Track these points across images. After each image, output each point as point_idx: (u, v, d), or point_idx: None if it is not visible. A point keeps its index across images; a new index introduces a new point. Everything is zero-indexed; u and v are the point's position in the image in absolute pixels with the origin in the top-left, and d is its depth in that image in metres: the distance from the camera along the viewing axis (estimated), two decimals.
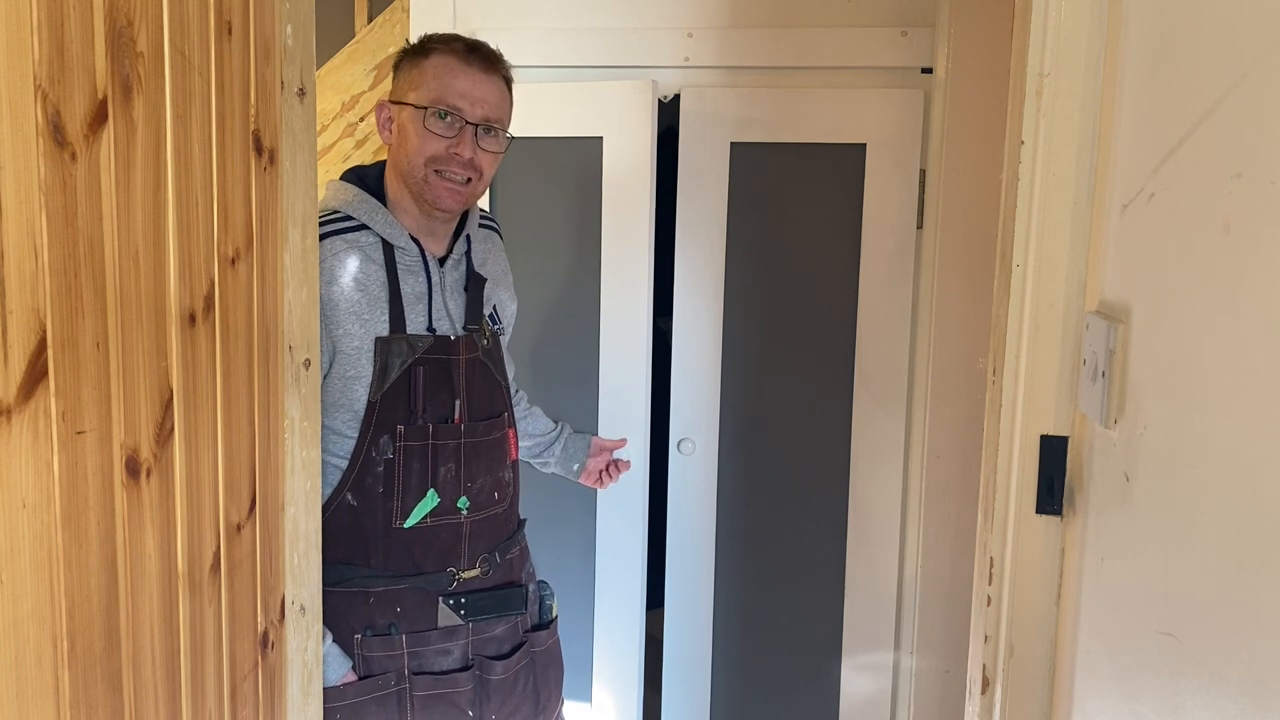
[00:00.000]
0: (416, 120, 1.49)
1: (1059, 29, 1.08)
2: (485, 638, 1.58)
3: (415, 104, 1.49)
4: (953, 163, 2.20)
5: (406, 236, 1.52)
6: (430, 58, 1.51)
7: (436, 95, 1.49)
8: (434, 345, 1.51)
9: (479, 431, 1.56)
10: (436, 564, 1.53)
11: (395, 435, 1.47)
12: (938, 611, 2.34)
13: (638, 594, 2.40)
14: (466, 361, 1.55)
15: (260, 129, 1.02)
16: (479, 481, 1.56)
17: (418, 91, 1.50)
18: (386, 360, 1.47)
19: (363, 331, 1.46)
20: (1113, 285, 1.00)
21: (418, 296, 1.53)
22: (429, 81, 1.49)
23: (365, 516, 1.48)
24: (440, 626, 1.53)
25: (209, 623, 0.94)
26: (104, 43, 0.72)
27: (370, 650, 1.49)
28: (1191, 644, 0.77)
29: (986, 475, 1.21)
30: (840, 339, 2.36)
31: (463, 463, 1.54)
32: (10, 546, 0.64)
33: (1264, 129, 0.68)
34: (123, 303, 0.76)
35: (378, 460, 1.47)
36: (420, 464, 1.49)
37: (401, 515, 1.49)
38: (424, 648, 1.52)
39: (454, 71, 1.50)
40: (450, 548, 1.54)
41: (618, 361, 2.34)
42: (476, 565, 1.57)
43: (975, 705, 1.22)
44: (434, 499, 1.51)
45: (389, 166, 1.56)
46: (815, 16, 2.27)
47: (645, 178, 2.26)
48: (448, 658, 1.54)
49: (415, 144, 1.49)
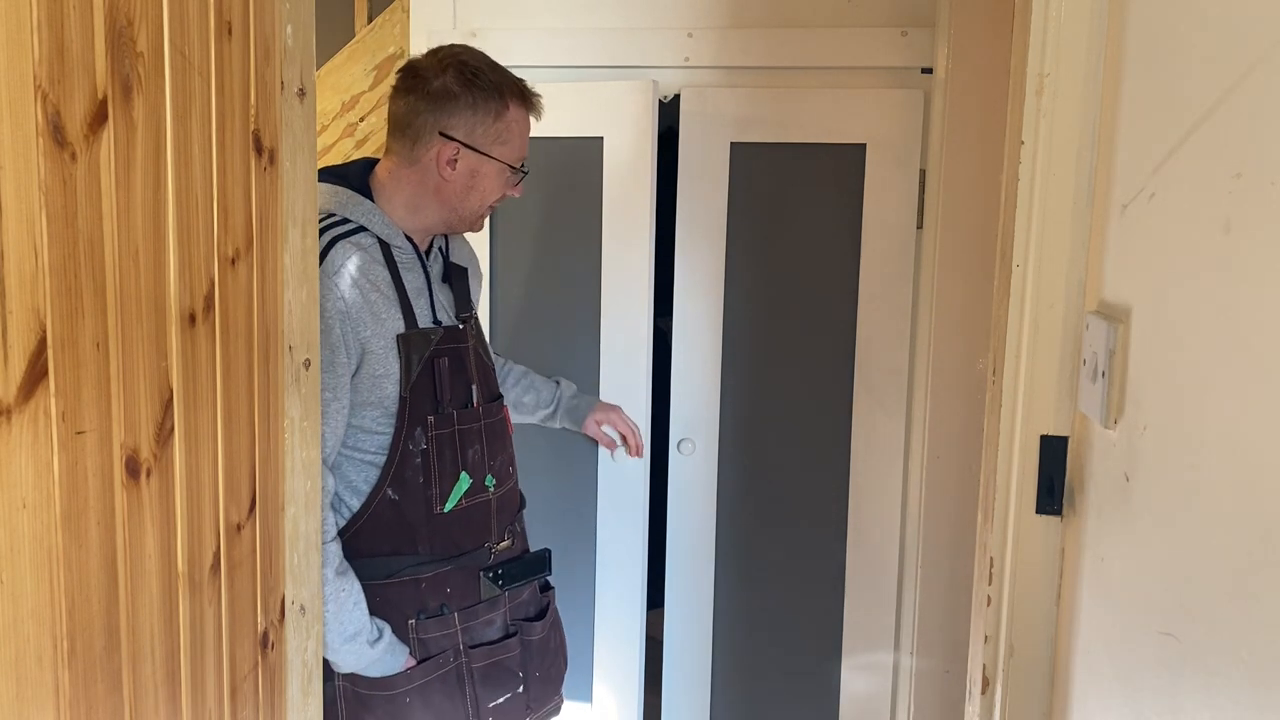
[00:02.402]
0: (502, 176, 1.59)
1: (1059, 29, 1.08)
2: (519, 603, 1.69)
3: (504, 161, 1.57)
4: (953, 163, 2.20)
5: (402, 235, 1.56)
6: (510, 111, 1.56)
7: (520, 154, 1.60)
8: (446, 336, 1.57)
9: (492, 412, 1.65)
10: (475, 541, 1.62)
11: (427, 426, 1.54)
12: (938, 611, 2.34)
13: (638, 594, 2.40)
14: (472, 349, 1.63)
15: (260, 129, 1.02)
16: (499, 459, 1.66)
17: (505, 149, 1.57)
18: (409, 355, 1.52)
19: (384, 330, 1.51)
20: (1113, 285, 1.00)
21: (418, 291, 1.57)
22: (514, 140, 1.58)
23: (407, 508, 1.54)
24: (484, 599, 1.62)
25: (209, 623, 0.94)
26: (104, 43, 0.72)
27: (426, 633, 1.56)
28: (1191, 644, 0.77)
29: (986, 475, 1.21)
30: (840, 339, 2.36)
31: (484, 443, 1.62)
32: (10, 546, 0.64)
33: (1264, 129, 0.68)
34: (123, 303, 0.76)
35: (414, 452, 1.53)
36: (451, 450, 1.56)
37: (441, 501, 1.56)
38: (473, 622, 1.61)
39: (527, 129, 1.61)
40: (484, 524, 1.63)
41: (618, 361, 2.34)
42: (506, 537, 1.67)
43: (975, 705, 1.22)
44: (466, 481, 1.59)
45: (434, 193, 1.56)
46: (815, 16, 2.27)
47: (645, 178, 2.26)
48: (492, 627, 1.64)
49: (491, 193, 1.59)
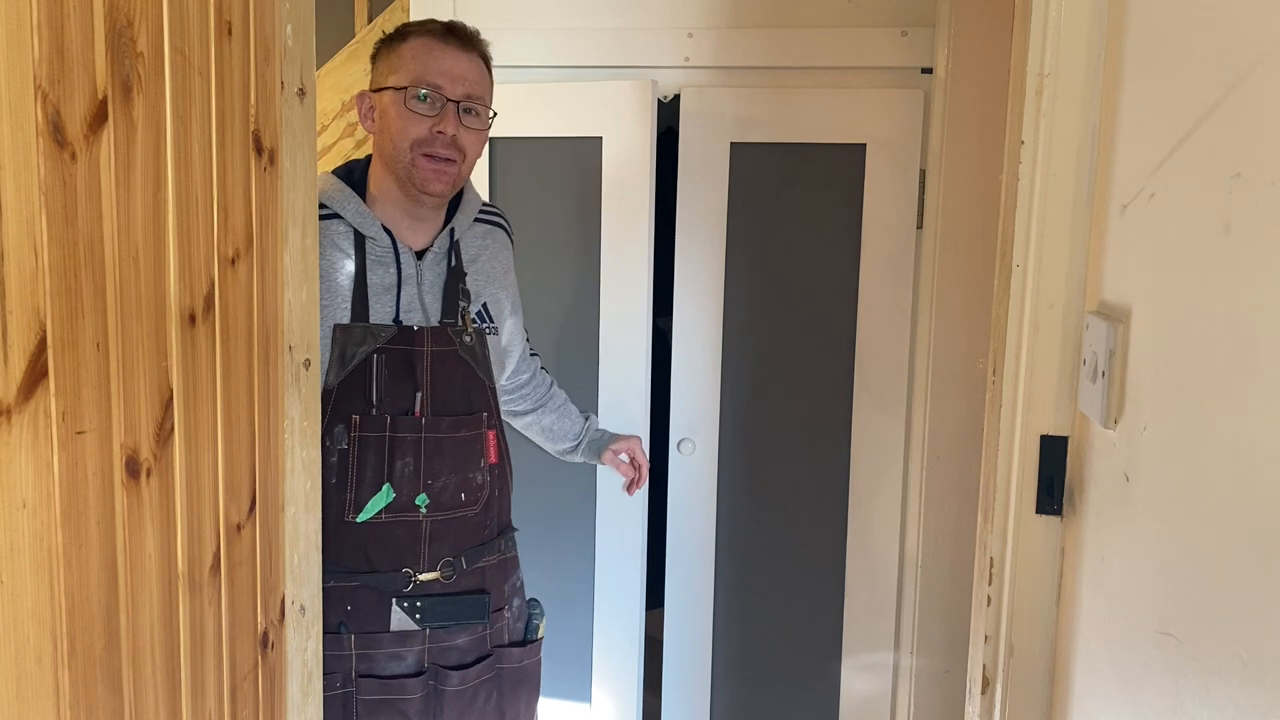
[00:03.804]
0: (398, 103, 1.47)
1: (1059, 29, 1.08)
2: (444, 646, 1.52)
3: (395, 86, 1.47)
4: (953, 163, 2.20)
5: (378, 227, 1.50)
6: (407, 41, 1.49)
7: (416, 76, 1.47)
8: (396, 336, 1.47)
9: (443, 427, 1.50)
10: (391, 563, 1.48)
11: (350, 425, 1.44)
12: (938, 611, 2.34)
13: (638, 594, 2.40)
14: (434, 354, 1.50)
15: (260, 129, 1.02)
16: (442, 480, 1.51)
17: (396, 75, 1.48)
18: (344, 348, 1.44)
19: (320, 316, 1.41)
20: (1112, 285, 1.00)
21: (385, 288, 1.50)
22: (407, 63, 1.47)
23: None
24: (393, 629, 1.49)
25: (209, 623, 0.94)
26: (104, 43, 0.72)
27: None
28: (1191, 644, 0.77)
29: (986, 475, 1.21)
30: (840, 339, 2.36)
31: (423, 458, 1.48)
32: (10, 546, 0.64)
33: (1264, 129, 0.68)
34: (123, 303, 0.76)
35: (331, 450, 1.43)
36: (376, 456, 1.45)
37: (354, 509, 1.45)
38: (374, 650, 1.48)
39: (432, 51, 1.48)
40: (407, 547, 1.49)
41: (618, 361, 2.34)
42: (437, 568, 1.51)
43: (975, 705, 1.22)
44: (389, 494, 1.46)
45: (375, 156, 1.54)
46: (815, 16, 2.27)
47: (645, 178, 2.26)
48: (400, 663, 1.49)
49: (398, 127, 1.47)
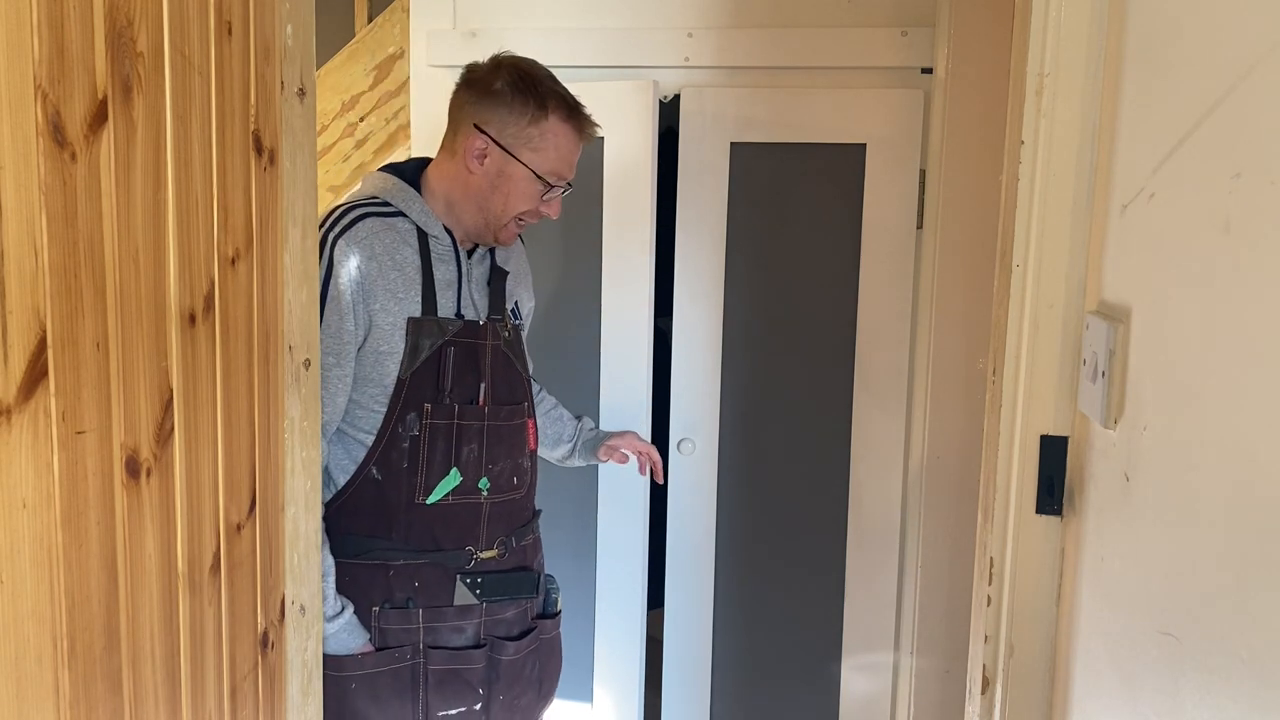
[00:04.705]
0: (529, 184, 1.55)
1: (1059, 29, 1.07)
2: (497, 619, 1.63)
3: (532, 168, 1.54)
4: (953, 163, 2.20)
5: (440, 226, 1.57)
6: (550, 119, 1.53)
7: (554, 169, 1.55)
8: (463, 329, 1.56)
9: (501, 416, 1.60)
10: (455, 542, 1.58)
11: (422, 413, 1.52)
12: (938, 611, 2.34)
13: (638, 594, 2.40)
14: (491, 348, 1.60)
15: (260, 129, 1.02)
16: (500, 465, 1.61)
17: (536, 156, 1.54)
18: (418, 339, 1.51)
19: (397, 309, 1.50)
20: (1112, 285, 1.00)
21: (448, 283, 1.57)
22: (549, 152, 1.54)
23: (389, 491, 1.53)
24: (456, 604, 1.58)
25: (209, 623, 0.94)
26: (104, 43, 0.72)
27: (387, 623, 1.54)
28: (1191, 644, 0.77)
29: (986, 475, 1.21)
30: (840, 339, 2.36)
31: (485, 445, 1.58)
32: (10, 546, 0.64)
33: (1264, 129, 0.68)
34: (123, 303, 0.76)
35: (404, 436, 1.52)
36: (445, 442, 1.54)
37: (424, 491, 1.54)
38: (440, 623, 1.57)
39: (573, 146, 1.57)
40: (469, 527, 1.59)
41: (618, 361, 2.34)
42: (494, 547, 1.62)
43: (975, 705, 1.22)
44: (456, 477, 1.55)
45: (463, 188, 1.57)
46: (815, 16, 2.27)
47: (645, 178, 2.26)
48: (461, 635, 1.59)
49: (517, 198, 1.55)
